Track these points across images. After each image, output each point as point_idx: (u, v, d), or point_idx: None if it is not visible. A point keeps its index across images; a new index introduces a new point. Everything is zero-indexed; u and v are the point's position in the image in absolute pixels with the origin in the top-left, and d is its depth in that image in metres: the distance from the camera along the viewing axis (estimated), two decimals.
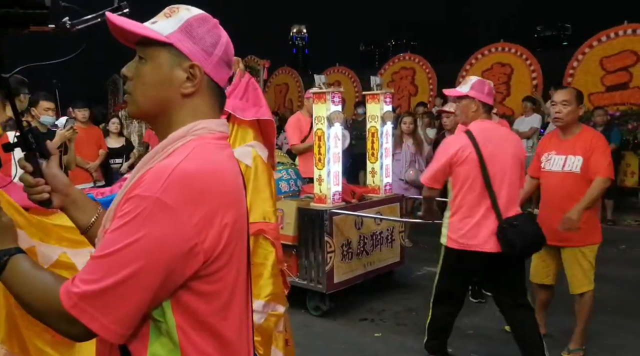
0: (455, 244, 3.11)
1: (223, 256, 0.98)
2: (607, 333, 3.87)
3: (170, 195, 0.91)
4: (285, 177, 4.71)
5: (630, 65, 8.29)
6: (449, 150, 3.06)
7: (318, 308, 4.23)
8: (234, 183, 1.05)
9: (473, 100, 3.08)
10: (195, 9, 1.09)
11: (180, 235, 0.91)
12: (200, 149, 1.01)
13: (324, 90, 4.04)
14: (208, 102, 1.09)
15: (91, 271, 0.92)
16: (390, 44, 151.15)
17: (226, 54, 1.09)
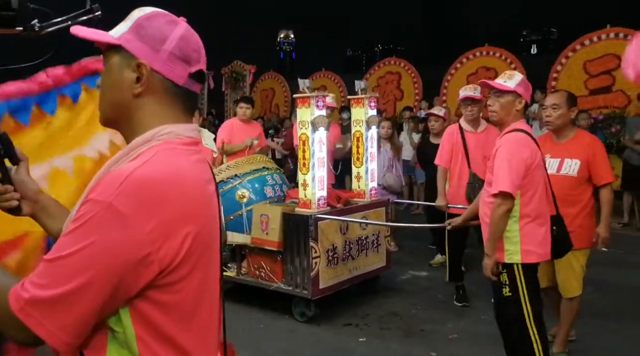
0: (535, 257, 2.81)
1: (184, 266, 0.94)
2: (592, 336, 3.89)
3: (123, 201, 0.88)
4: (271, 182, 4.68)
5: (613, 68, 8.38)
6: (521, 152, 2.74)
7: (304, 314, 4.21)
8: (199, 192, 1.00)
9: (519, 97, 2.83)
10: (149, 8, 1.06)
11: (132, 243, 0.88)
12: (163, 154, 0.98)
13: (308, 95, 4.02)
14: (167, 103, 1.04)
15: (41, 275, 0.89)
16: (378, 49, 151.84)
17: (179, 49, 1.02)
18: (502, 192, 2.72)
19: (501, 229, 2.77)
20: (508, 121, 2.88)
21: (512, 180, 2.71)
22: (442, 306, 4.61)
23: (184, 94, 1.05)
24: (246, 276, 4.48)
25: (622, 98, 8.28)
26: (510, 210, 2.75)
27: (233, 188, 4.54)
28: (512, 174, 2.71)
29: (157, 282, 0.92)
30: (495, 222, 2.76)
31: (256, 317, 4.37)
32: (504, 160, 2.74)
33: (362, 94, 4.66)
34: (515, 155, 2.73)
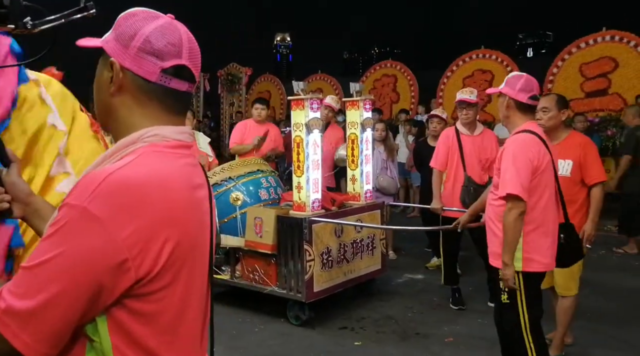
0: (537, 266, 2.74)
1: (164, 275, 0.90)
2: (588, 339, 3.87)
3: (98, 204, 0.85)
4: (265, 184, 4.65)
5: (608, 71, 8.39)
6: (528, 153, 2.66)
7: (298, 318, 4.17)
8: (184, 196, 0.95)
9: (505, 96, 2.80)
10: (135, 8, 1.03)
11: (108, 249, 0.84)
12: (146, 157, 0.94)
13: (302, 97, 4.00)
14: (142, 101, 1.00)
15: (18, 283, 0.86)
16: (374, 52, 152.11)
17: (148, 43, 0.97)
18: (510, 195, 2.63)
19: (517, 234, 2.66)
20: (509, 122, 2.85)
21: (520, 181, 2.62)
22: (438, 310, 4.58)
23: (162, 92, 1.00)
24: (240, 280, 4.45)
25: (618, 101, 8.28)
26: (523, 213, 2.64)
27: (227, 191, 4.51)
28: (520, 175, 2.63)
29: (135, 291, 0.88)
30: (510, 228, 2.65)
31: (250, 320, 4.33)
32: (509, 161, 2.67)
33: (357, 97, 4.64)
34: (520, 156, 2.66)
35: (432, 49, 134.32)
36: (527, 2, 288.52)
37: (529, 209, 2.67)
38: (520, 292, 2.74)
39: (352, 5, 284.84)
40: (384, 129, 6.16)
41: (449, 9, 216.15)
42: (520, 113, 2.80)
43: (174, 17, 1.06)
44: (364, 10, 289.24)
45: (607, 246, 6.37)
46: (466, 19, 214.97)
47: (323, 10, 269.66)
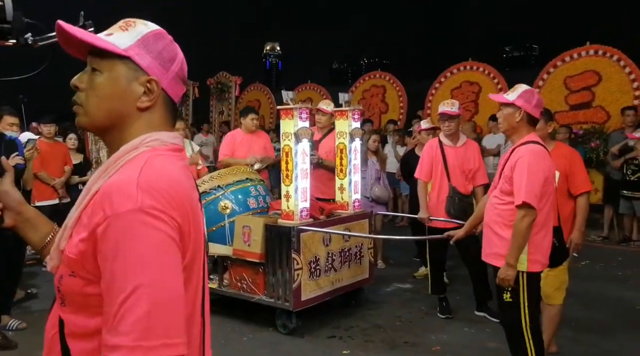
0: (539, 266, 2.90)
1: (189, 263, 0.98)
2: (570, 347, 3.91)
3: (148, 202, 0.90)
4: (254, 193, 4.67)
5: (592, 84, 8.55)
6: (540, 164, 2.81)
7: (285, 326, 4.17)
8: (192, 196, 1.03)
9: (518, 109, 2.90)
10: (152, 24, 1.09)
11: (175, 233, 0.92)
12: (155, 160, 1.00)
13: (291, 106, 4.03)
14: (164, 117, 1.10)
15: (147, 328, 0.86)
16: (363, 62, 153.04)
17: (182, 71, 1.10)
18: (526, 203, 2.76)
19: (527, 239, 2.81)
20: (516, 132, 2.96)
21: (534, 190, 2.76)
22: (426, 319, 4.61)
23: (175, 109, 1.13)
24: (228, 288, 4.44)
25: (601, 114, 8.44)
26: (534, 220, 2.79)
27: (216, 199, 4.51)
28: (534, 185, 2.77)
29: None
30: (521, 234, 2.79)
31: (239, 329, 4.32)
32: (525, 171, 2.79)
33: (346, 107, 4.68)
34: (535, 167, 2.79)
35: (421, 61, 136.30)
36: (514, 16, 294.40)
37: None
38: (523, 291, 2.86)
39: (342, 16, 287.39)
40: (378, 140, 6.25)
41: (437, 22, 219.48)
42: (529, 126, 2.95)
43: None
44: (354, 21, 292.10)
45: (591, 256, 6.45)
46: (454, 31, 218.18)
47: (313, 21, 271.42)
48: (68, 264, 0.98)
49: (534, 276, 2.90)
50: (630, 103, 7.88)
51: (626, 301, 5.00)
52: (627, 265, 6.31)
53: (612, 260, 6.53)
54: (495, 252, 2.96)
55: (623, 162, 7.07)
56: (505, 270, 2.84)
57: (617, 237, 7.53)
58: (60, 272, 1.00)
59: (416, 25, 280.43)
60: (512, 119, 2.92)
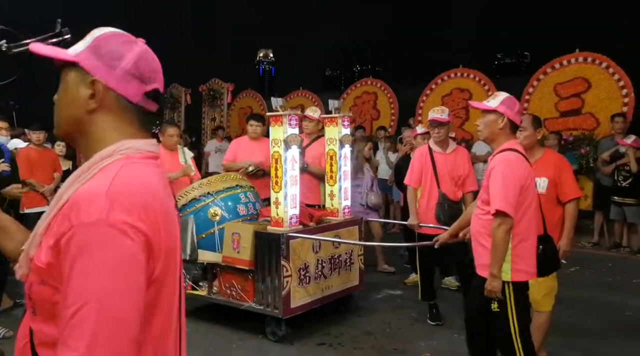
0: (524, 275, 2.87)
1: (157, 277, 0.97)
2: (560, 353, 3.92)
3: (118, 213, 0.90)
4: (244, 200, 4.64)
5: (582, 91, 8.61)
6: (516, 172, 2.78)
7: (275, 334, 4.15)
8: (165, 204, 1.03)
9: (501, 115, 2.89)
10: (110, 28, 1.09)
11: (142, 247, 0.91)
12: (128, 168, 1.00)
13: (281, 113, 4.03)
14: (121, 119, 1.06)
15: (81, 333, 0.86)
16: (356, 69, 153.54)
17: (136, 67, 1.05)
18: (499, 211, 2.73)
19: (505, 248, 2.78)
20: (495, 139, 2.94)
21: (508, 198, 2.73)
22: (415, 325, 4.60)
23: (139, 112, 1.08)
24: (218, 296, 4.41)
25: (590, 120, 8.49)
26: (511, 228, 2.76)
27: (205, 206, 4.49)
28: (509, 193, 2.74)
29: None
30: (498, 243, 2.77)
31: (228, 337, 4.29)
32: (499, 179, 2.77)
33: (336, 113, 4.69)
34: (510, 175, 2.76)
35: (412, 68, 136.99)
36: (505, 24, 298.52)
37: (516, 223, 2.79)
38: (510, 301, 2.85)
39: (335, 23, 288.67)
40: (371, 148, 6.29)
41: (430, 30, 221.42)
42: (510, 133, 2.93)
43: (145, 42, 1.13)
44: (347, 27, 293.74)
45: (581, 263, 6.48)
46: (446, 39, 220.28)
47: (306, 27, 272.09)
48: (37, 272, 0.97)
49: (519, 286, 2.86)
50: (620, 110, 7.93)
51: (616, 307, 5.02)
52: (617, 271, 6.34)
53: (602, 266, 6.56)
54: (482, 263, 2.93)
55: (614, 168, 7.11)
56: (491, 281, 2.81)
57: (608, 243, 7.57)
58: (30, 280, 0.99)
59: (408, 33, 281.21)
60: (495, 126, 2.90)
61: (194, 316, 4.76)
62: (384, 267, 6.22)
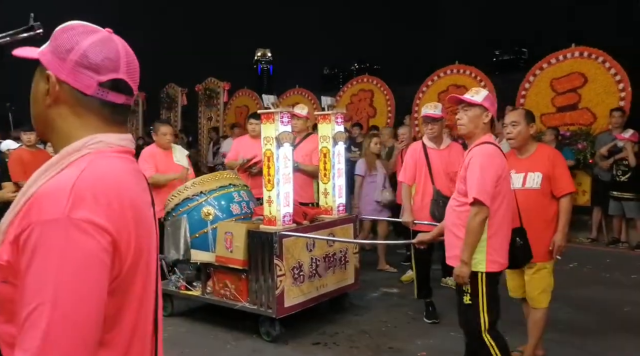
0: (498, 266, 2.91)
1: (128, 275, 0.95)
2: (557, 350, 3.88)
3: (81, 209, 0.87)
4: (237, 199, 4.60)
5: (578, 86, 8.55)
6: (493, 163, 2.85)
7: (269, 334, 4.11)
8: (138, 199, 1.00)
9: (486, 111, 2.95)
10: (73, 22, 1.05)
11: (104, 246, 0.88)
12: (97, 163, 0.97)
13: (272, 111, 3.99)
14: (79, 113, 1.03)
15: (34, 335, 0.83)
16: (354, 68, 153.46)
17: (86, 58, 1.00)
18: (477, 200, 2.79)
19: (479, 237, 2.84)
20: (476, 134, 2.98)
21: (486, 189, 2.79)
22: (412, 324, 4.56)
23: (99, 104, 1.03)
24: (211, 296, 4.37)
25: (587, 115, 8.44)
26: (486, 218, 2.82)
27: (198, 205, 4.45)
28: (486, 183, 2.80)
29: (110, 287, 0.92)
30: (473, 231, 2.82)
31: (222, 337, 4.25)
32: (477, 170, 2.82)
33: (329, 110, 4.64)
34: (487, 166, 2.82)
35: (410, 65, 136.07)
36: (503, 20, 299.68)
37: (492, 214, 2.85)
38: (482, 293, 2.88)
39: (333, 21, 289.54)
40: (378, 142, 6.26)
41: (428, 26, 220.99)
42: (488, 128, 3.01)
43: (113, 32, 1.08)
44: (344, 26, 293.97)
45: (579, 259, 6.44)
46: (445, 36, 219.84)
47: (304, 27, 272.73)
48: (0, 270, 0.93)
49: (493, 277, 2.91)
50: (616, 105, 7.89)
51: (614, 303, 4.98)
52: (615, 267, 6.30)
53: (600, 262, 6.52)
54: (455, 254, 2.97)
55: (612, 162, 7.07)
56: (460, 268, 2.87)
57: (606, 239, 7.53)
58: None
59: (406, 30, 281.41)
60: (479, 121, 2.96)
61: (188, 317, 4.72)
62: (386, 267, 6.17)
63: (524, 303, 3.70)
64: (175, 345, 4.05)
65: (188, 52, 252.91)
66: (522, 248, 3.08)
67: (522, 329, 3.77)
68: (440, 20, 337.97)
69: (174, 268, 4.67)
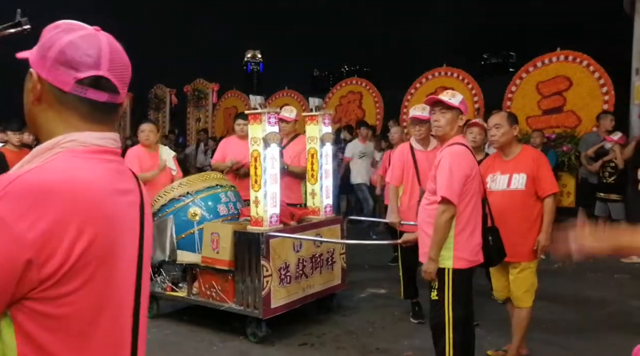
0: (465, 263, 2.98)
1: (74, 278, 0.89)
2: (540, 350, 3.92)
3: (3, 205, 0.85)
4: (224, 199, 4.59)
5: (563, 89, 8.67)
6: (461, 163, 2.95)
7: (255, 335, 4.10)
8: (101, 199, 0.96)
9: (462, 113, 3.06)
10: (60, 21, 1.05)
11: (12, 249, 0.84)
12: (60, 161, 0.95)
13: (260, 111, 3.99)
14: (58, 110, 1.02)
15: None
16: (344, 70, 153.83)
17: (63, 54, 0.99)
18: (444, 198, 2.89)
19: (446, 234, 2.93)
20: (450, 135, 3.08)
21: (453, 188, 2.89)
22: (398, 324, 4.58)
23: (78, 101, 1.02)
24: (198, 297, 4.36)
25: (572, 118, 8.55)
26: (453, 216, 2.92)
27: (185, 206, 4.43)
28: (454, 183, 2.90)
29: (41, 294, 0.87)
30: (440, 228, 2.92)
31: (208, 338, 4.24)
32: (446, 170, 2.92)
33: (316, 111, 4.66)
34: (456, 166, 2.92)
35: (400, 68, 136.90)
36: (492, 24, 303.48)
37: (459, 212, 2.94)
38: (448, 289, 2.96)
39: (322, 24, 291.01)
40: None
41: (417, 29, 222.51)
42: (461, 130, 3.17)
43: (101, 29, 1.07)
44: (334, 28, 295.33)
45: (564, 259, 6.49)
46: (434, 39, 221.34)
47: (293, 28, 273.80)
48: None
49: (460, 274, 2.96)
50: (600, 108, 8.01)
51: (597, 303, 5.04)
52: (599, 267, 6.35)
53: (584, 262, 6.57)
54: (426, 252, 3.04)
55: (600, 164, 7.15)
56: (427, 264, 2.96)
57: None
58: None
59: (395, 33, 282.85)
60: (455, 123, 3.06)
61: (174, 318, 4.70)
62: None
63: (508, 303, 3.74)
64: (160, 347, 4.03)
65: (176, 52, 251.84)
66: (495, 247, 3.15)
67: (506, 328, 3.81)
68: (429, 23, 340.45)
69: (159, 269, 4.65)
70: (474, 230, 3.01)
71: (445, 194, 2.88)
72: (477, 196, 3.03)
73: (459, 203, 2.92)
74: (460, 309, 2.98)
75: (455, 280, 2.96)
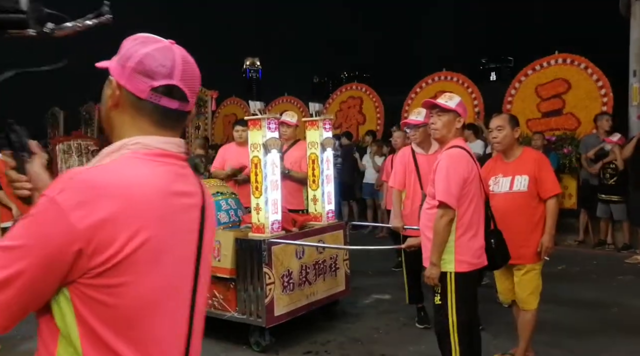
0: (467, 266, 2.95)
1: (124, 272, 0.97)
2: (548, 352, 3.89)
3: (64, 197, 0.95)
4: (225, 207, 4.57)
5: (562, 92, 8.67)
6: (459, 166, 2.93)
7: (259, 344, 4.07)
8: (155, 200, 1.03)
9: (459, 116, 3.04)
10: (138, 34, 1.15)
11: (66, 236, 0.94)
12: (123, 162, 1.05)
13: (260, 117, 3.98)
14: (133, 115, 1.11)
15: None
16: (344, 76, 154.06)
17: (141, 64, 1.09)
18: (442, 203, 2.87)
19: (446, 238, 2.91)
20: (449, 138, 3.07)
21: (451, 192, 2.88)
22: (403, 330, 4.55)
23: (152, 108, 1.10)
24: None
25: (572, 120, 8.55)
26: (452, 220, 2.90)
27: None
28: (451, 186, 2.88)
29: (91, 281, 0.97)
30: (439, 232, 2.90)
31: (211, 349, 4.18)
32: (444, 173, 2.92)
33: (317, 117, 4.64)
34: (453, 169, 2.91)
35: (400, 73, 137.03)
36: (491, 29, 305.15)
37: (460, 215, 2.92)
38: (451, 293, 2.93)
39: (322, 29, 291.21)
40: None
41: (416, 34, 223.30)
42: (460, 132, 3.13)
43: (175, 43, 1.15)
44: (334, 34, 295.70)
45: (567, 260, 6.48)
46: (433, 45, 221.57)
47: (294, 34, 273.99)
48: None
49: (462, 277, 2.93)
50: (599, 110, 8.00)
51: (602, 305, 5.01)
52: (602, 268, 6.35)
53: (587, 264, 6.57)
54: (428, 256, 3.02)
55: (601, 166, 7.14)
56: (430, 269, 2.95)
57: (592, 241, 7.59)
58: None
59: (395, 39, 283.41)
60: (452, 126, 3.04)
61: None
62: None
63: (514, 306, 3.71)
64: None
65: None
66: (498, 250, 3.12)
67: (512, 332, 3.78)
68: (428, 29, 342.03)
69: None
70: (476, 233, 2.99)
71: (443, 198, 2.87)
72: (478, 199, 3.00)
73: (459, 207, 2.90)
74: (464, 313, 2.95)
75: (458, 284, 2.93)
